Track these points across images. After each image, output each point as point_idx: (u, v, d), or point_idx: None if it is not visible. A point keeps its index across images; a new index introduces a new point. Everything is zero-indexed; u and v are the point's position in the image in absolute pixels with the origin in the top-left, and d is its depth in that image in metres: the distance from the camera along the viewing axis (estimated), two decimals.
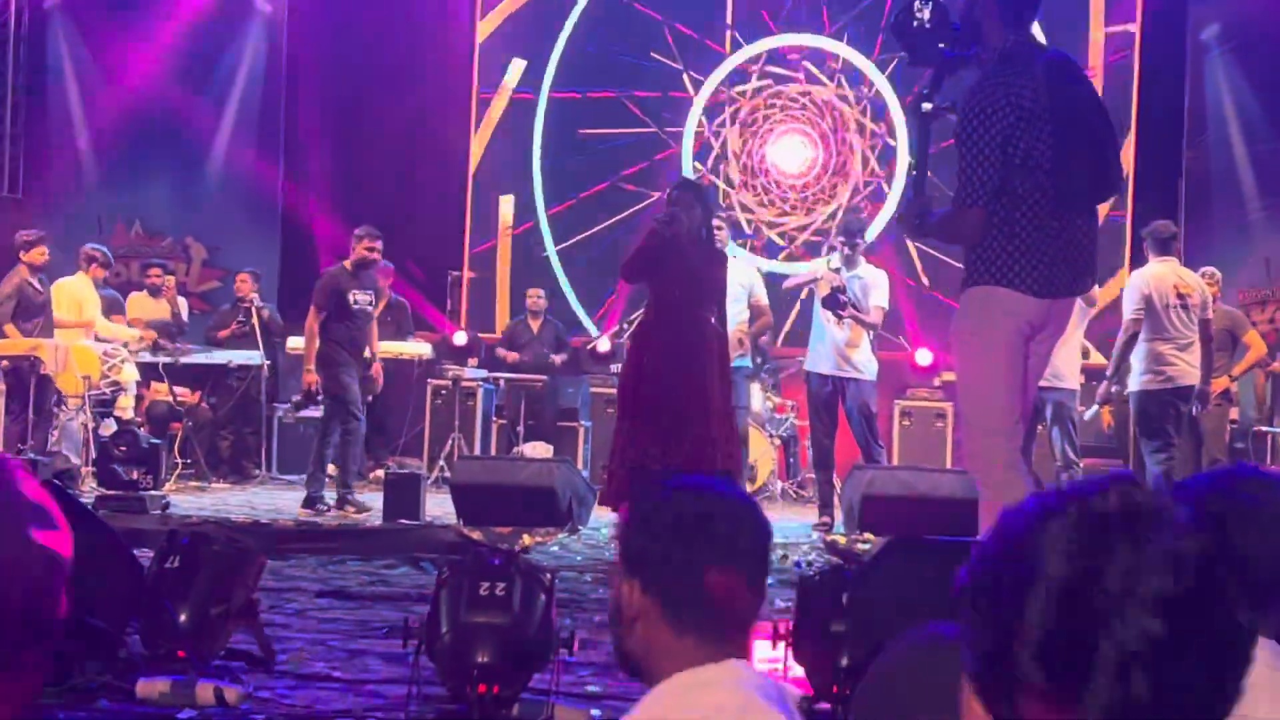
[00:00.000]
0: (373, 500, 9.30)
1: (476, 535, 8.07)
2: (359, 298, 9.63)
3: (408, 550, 7.62)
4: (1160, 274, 8.80)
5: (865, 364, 9.46)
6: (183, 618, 3.34)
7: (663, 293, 7.54)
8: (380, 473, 11.90)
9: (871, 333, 9.42)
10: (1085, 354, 9.95)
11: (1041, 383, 5.38)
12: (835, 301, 9.11)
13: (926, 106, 4.41)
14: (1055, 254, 4.32)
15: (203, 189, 14.21)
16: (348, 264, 9.75)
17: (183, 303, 12.59)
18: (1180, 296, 8.66)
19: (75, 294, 11.11)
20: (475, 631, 2.84)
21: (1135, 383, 8.80)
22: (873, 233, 12.04)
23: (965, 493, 6.37)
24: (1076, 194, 4.36)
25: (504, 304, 14.06)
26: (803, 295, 10.59)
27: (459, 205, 14.32)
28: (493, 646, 2.85)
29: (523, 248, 14.22)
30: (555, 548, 7.91)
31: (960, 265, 4.71)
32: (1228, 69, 13.81)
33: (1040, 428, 9.03)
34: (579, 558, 7.73)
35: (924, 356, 11.91)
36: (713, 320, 7.59)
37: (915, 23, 4.44)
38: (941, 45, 4.42)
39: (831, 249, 10.09)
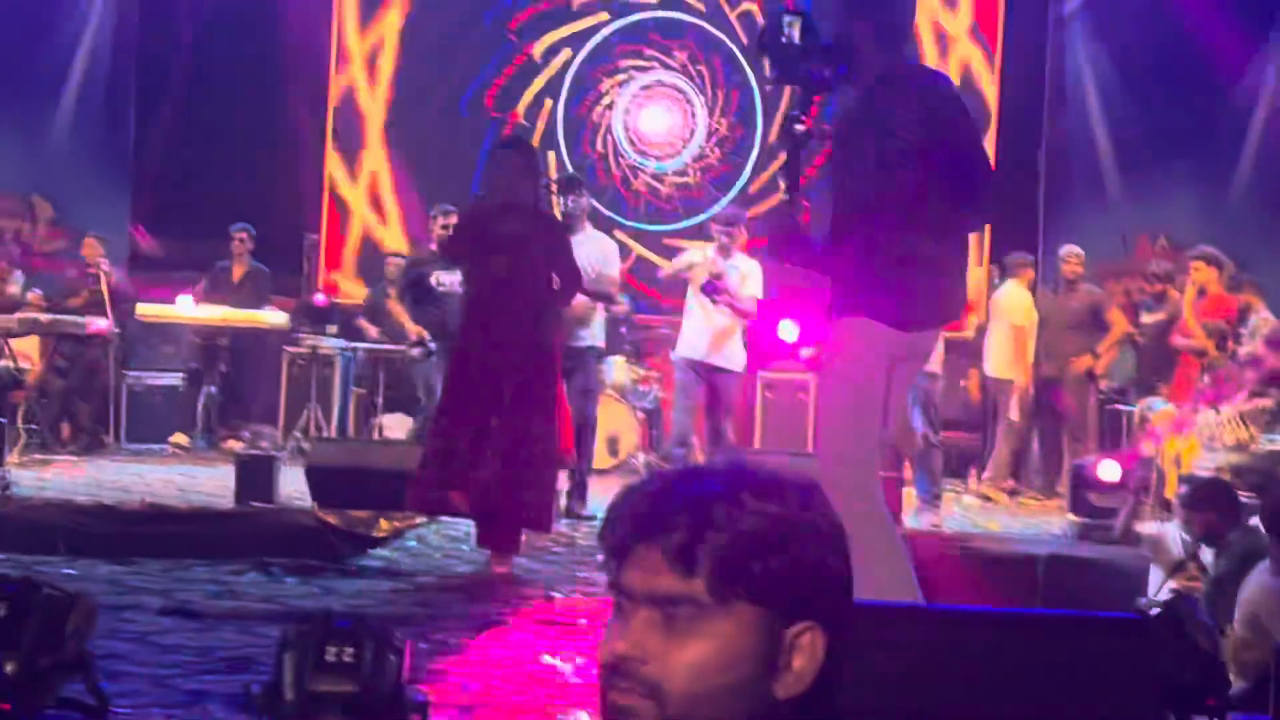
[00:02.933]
0: (225, 475, 9.04)
1: (332, 519, 7.87)
2: (443, 279, 9.37)
3: (259, 538, 7.40)
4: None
5: (734, 355, 9.44)
6: (8, 669, 3.15)
7: (472, 268, 7.14)
8: (234, 444, 11.67)
9: (744, 322, 9.38)
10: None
11: None
12: (712, 288, 9.07)
13: (799, 128, 4.29)
14: (923, 286, 4.24)
15: (50, 143, 13.67)
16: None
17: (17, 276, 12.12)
18: None
19: None
20: (322, 700, 2.69)
21: None
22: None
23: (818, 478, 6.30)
24: (948, 226, 4.27)
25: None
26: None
27: (316, 163, 13.99)
28: (341, 716, 2.71)
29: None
30: (413, 542, 7.74)
31: None
32: (1088, 43, 13.94)
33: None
34: (437, 555, 7.57)
35: (787, 331, 11.85)
36: (534, 297, 6.99)
37: (784, 39, 4.30)
38: (810, 66, 4.29)
39: (709, 237, 10.01)
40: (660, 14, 14.13)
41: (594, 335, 9.26)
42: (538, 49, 14.11)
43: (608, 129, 14.13)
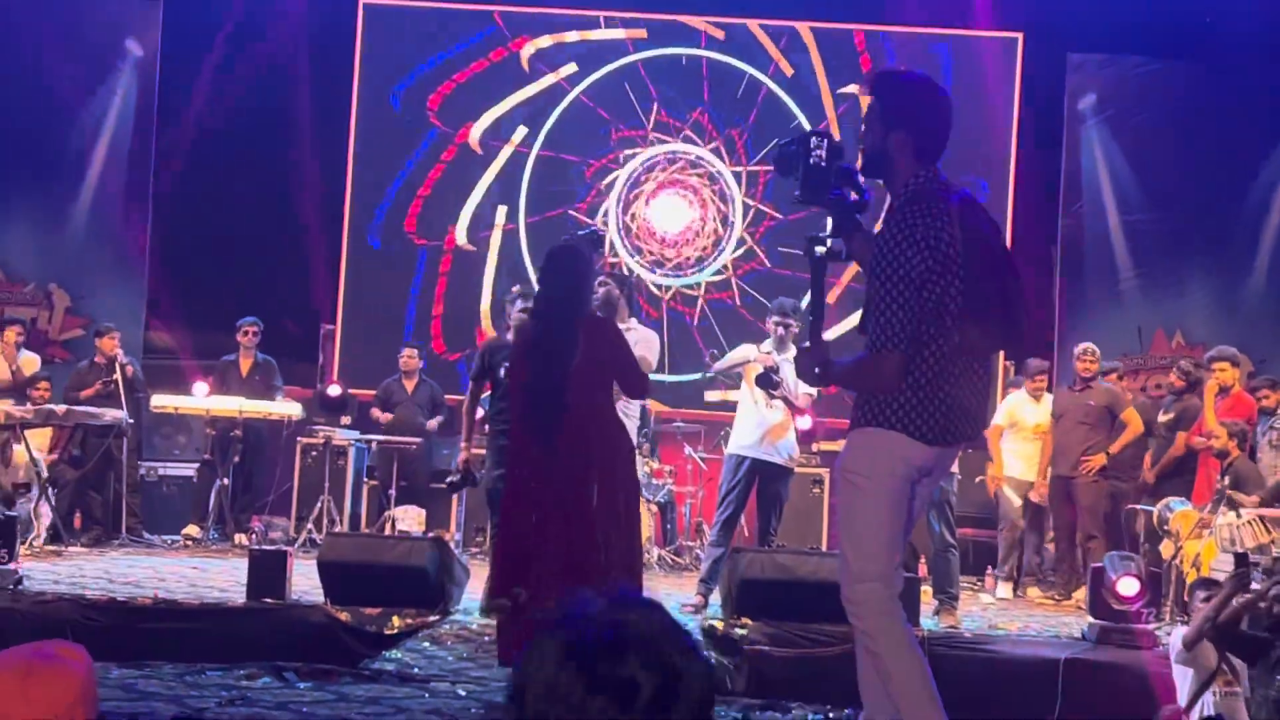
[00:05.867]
0: (237, 568, 8.98)
1: (344, 616, 7.83)
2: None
3: (272, 637, 7.35)
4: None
5: (789, 451, 9.32)
6: None
7: (527, 381, 6.48)
8: (242, 537, 11.63)
9: (799, 419, 9.27)
10: None
11: None
12: (768, 381, 8.80)
13: (820, 250, 4.26)
14: (954, 402, 4.18)
15: (68, 234, 13.77)
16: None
17: (32, 359, 12.13)
18: None
19: None
20: None
21: None
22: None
23: None
24: (981, 344, 4.23)
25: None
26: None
27: (334, 255, 14.04)
28: None
29: None
30: (426, 643, 7.65)
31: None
32: (1102, 138, 14.00)
33: None
34: (450, 657, 7.46)
35: (803, 422, 11.83)
36: (593, 404, 6.39)
37: (811, 160, 4.27)
38: (837, 188, 4.26)
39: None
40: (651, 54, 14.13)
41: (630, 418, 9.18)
42: (474, 134, 14.07)
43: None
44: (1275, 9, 12.93)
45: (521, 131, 14.00)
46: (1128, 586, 7.68)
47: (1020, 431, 11.31)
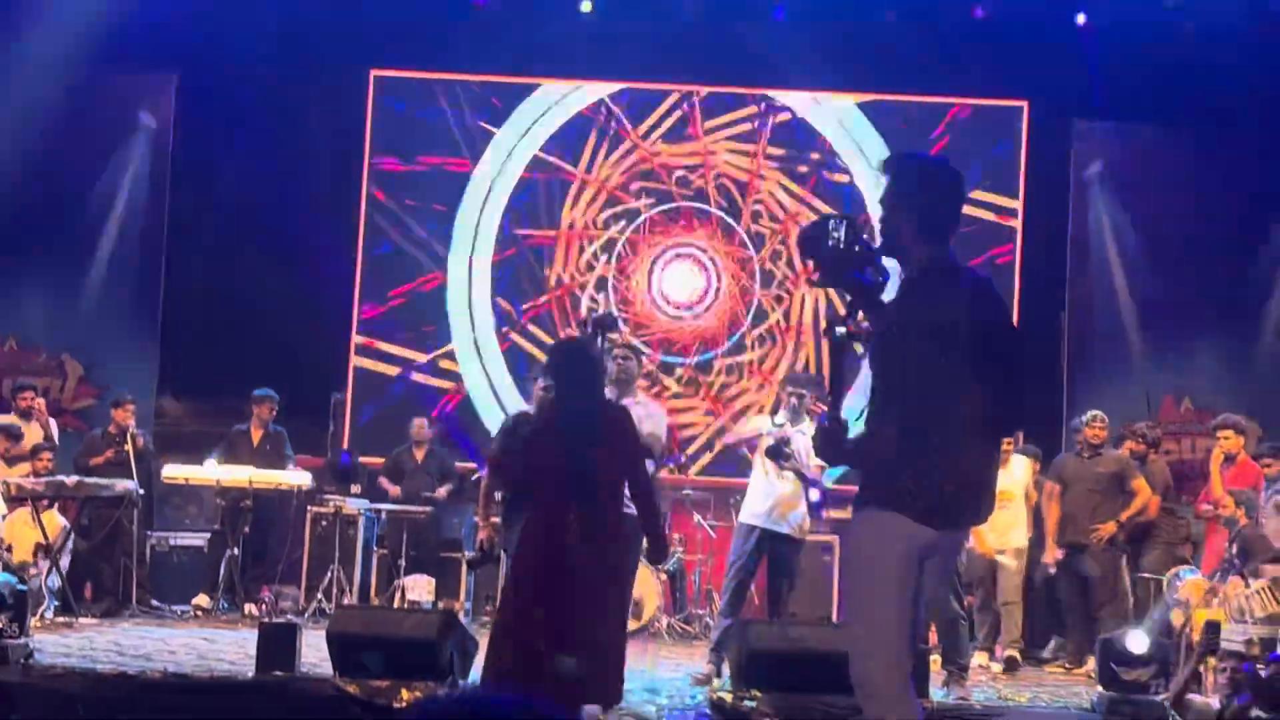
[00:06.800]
0: (247, 639, 8.99)
1: (353, 689, 7.83)
2: None
3: (282, 712, 7.36)
4: None
5: (800, 523, 9.33)
6: None
7: (539, 476, 6.61)
8: (252, 607, 11.64)
9: (810, 492, 9.30)
10: None
11: None
12: (779, 453, 8.95)
13: (840, 331, 4.28)
14: (957, 483, 4.20)
15: (81, 303, 13.89)
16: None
17: (52, 424, 12.23)
18: None
19: None
20: None
21: None
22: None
23: None
24: (985, 425, 4.25)
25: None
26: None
27: (345, 324, 14.13)
28: None
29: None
30: None
31: None
32: (1109, 205, 14.07)
33: None
34: None
35: (813, 494, 11.84)
36: (605, 491, 6.55)
37: (830, 242, 4.31)
38: (856, 270, 4.29)
39: (778, 403, 9.93)
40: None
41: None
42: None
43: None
44: (1276, 75, 13.00)
45: None
46: (1136, 642, 7.69)
47: None
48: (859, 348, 4.49)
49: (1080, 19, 13.59)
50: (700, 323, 14.20)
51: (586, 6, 13.89)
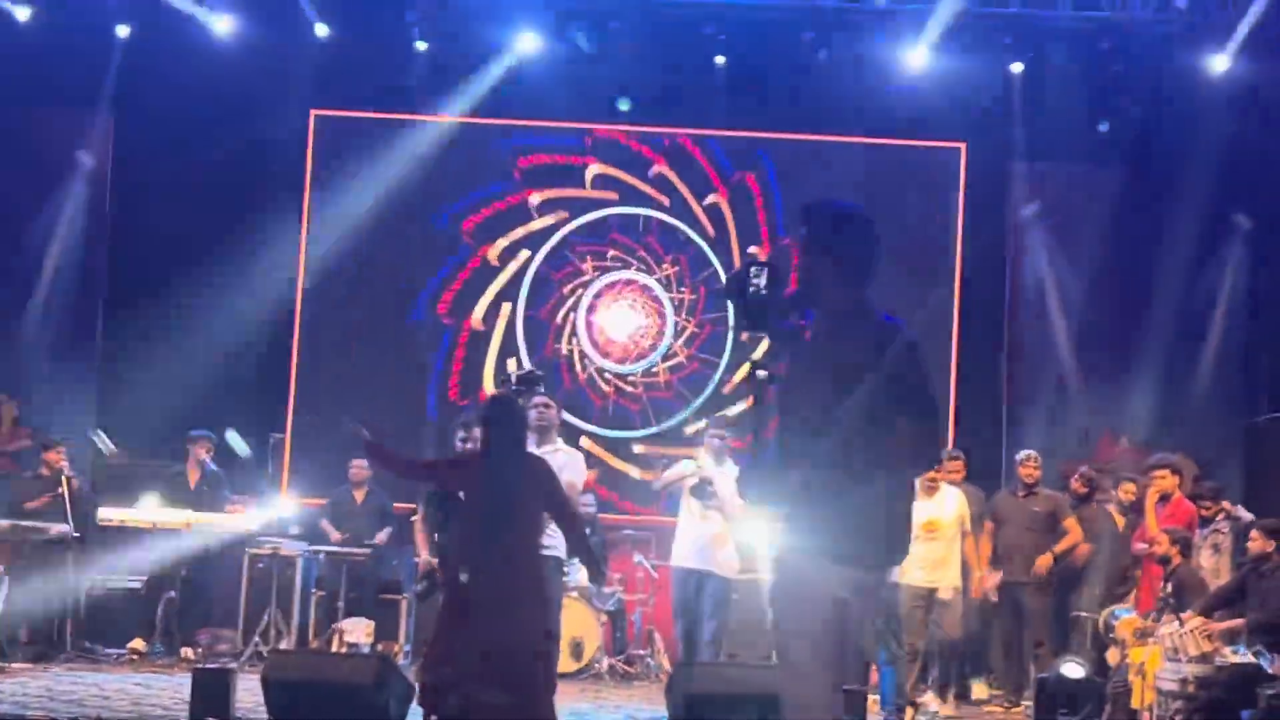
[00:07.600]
0: (182, 684, 8.89)
1: None
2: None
3: None
4: None
5: (726, 562, 9.45)
6: None
7: (467, 523, 7.03)
8: (188, 651, 11.53)
9: (734, 526, 9.38)
10: None
11: None
12: (703, 492, 9.25)
13: (762, 374, 4.33)
14: (867, 526, 4.22)
15: (18, 344, 13.74)
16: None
17: None
18: None
19: None
20: None
21: None
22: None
23: None
24: (895, 464, 4.28)
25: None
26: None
27: (284, 363, 14.05)
28: None
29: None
30: None
31: None
32: (1047, 245, 14.20)
33: None
34: None
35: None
36: (528, 543, 6.97)
37: (751, 289, 4.35)
38: (777, 316, 4.34)
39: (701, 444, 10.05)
40: (621, 210, 14.37)
41: (555, 546, 9.16)
42: (492, 252, 14.32)
43: (573, 331, 14.26)
44: (1209, 113, 13.15)
45: (524, 254, 14.26)
46: (1073, 671, 7.74)
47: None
48: None
49: (1016, 67, 13.70)
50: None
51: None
